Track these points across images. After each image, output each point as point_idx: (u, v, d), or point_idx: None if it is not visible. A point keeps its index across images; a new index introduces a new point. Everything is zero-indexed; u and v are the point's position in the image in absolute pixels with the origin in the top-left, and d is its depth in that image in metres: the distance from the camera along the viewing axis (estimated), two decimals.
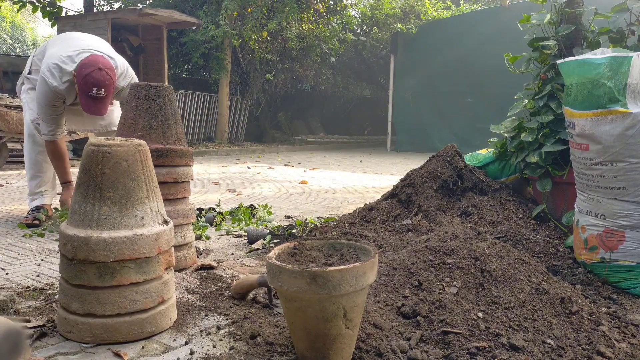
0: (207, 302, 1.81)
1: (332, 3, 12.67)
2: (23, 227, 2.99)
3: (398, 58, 12.45)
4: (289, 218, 3.47)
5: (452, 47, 11.16)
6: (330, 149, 13.01)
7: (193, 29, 11.35)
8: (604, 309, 1.73)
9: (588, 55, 2.05)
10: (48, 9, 9.04)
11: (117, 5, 12.53)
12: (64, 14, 9.63)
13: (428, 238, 2.05)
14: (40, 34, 31.93)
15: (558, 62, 2.19)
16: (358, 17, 14.96)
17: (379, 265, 1.86)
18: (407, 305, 1.59)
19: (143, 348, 1.46)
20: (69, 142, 7.03)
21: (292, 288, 1.23)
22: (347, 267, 1.22)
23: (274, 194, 4.73)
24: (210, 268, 2.23)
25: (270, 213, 3.39)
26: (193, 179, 2.31)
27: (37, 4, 8.89)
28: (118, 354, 1.40)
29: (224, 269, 2.22)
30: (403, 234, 2.47)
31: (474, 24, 10.96)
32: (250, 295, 1.85)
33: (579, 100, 2.04)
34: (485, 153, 3.16)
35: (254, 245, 2.61)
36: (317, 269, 1.21)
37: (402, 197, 3.00)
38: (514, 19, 3.47)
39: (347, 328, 1.28)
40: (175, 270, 2.13)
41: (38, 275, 2.10)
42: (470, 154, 3.23)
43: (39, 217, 3.06)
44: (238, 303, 1.80)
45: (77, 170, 1.60)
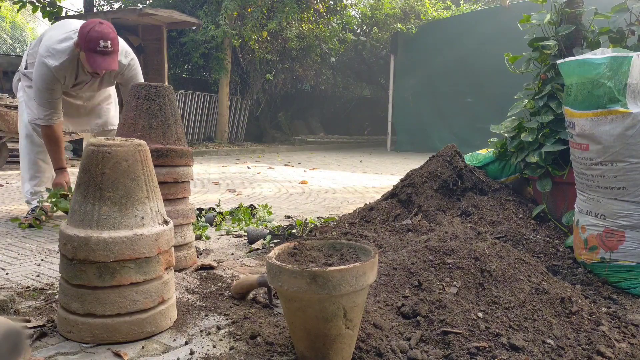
0: (207, 302, 1.81)
1: (332, 3, 12.67)
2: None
3: (398, 58, 12.45)
4: (289, 218, 3.47)
5: (452, 47, 11.16)
6: (330, 149, 13.01)
7: (193, 29, 11.35)
8: (604, 309, 1.73)
9: (588, 55, 2.05)
10: (48, 9, 9.04)
11: (117, 5, 12.52)
12: (64, 14, 9.62)
13: (428, 238, 2.05)
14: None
15: (558, 62, 2.19)
16: (358, 17, 14.96)
17: (379, 265, 1.86)
18: (407, 305, 1.59)
19: (143, 348, 1.46)
20: (69, 142, 7.04)
21: (292, 288, 1.23)
22: (347, 267, 1.22)
23: (274, 194, 4.73)
24: (210, 268, 2.23)
25: (270, 213, 3.39)
26: (193, 179, 2.31)
27: (37, 4, 8.90)
28: (118, 354, 1.40)
29: (224, 269, 2.22)
30: (403, 234, 2.47)
31: (474, 24, 10.96)
32: (250, 295, 1.85)
33: (579, 100, 2.04)
34: (485, 153, 3.16)
35: (254, 245, 2.61)
36: (317, 269, 1.21)
37: (402, 197, 3.00)
38: (514, 19, 3.47)
39: (347, 328, 1.28)
40: (175, 270, 2.13)
41: (38, 275, 2.10)
42: (470, 154, 3.23)
43: (39, 216, 3.07)
44: (238, 303, 1.80)
45: (77, 170, 1.60)
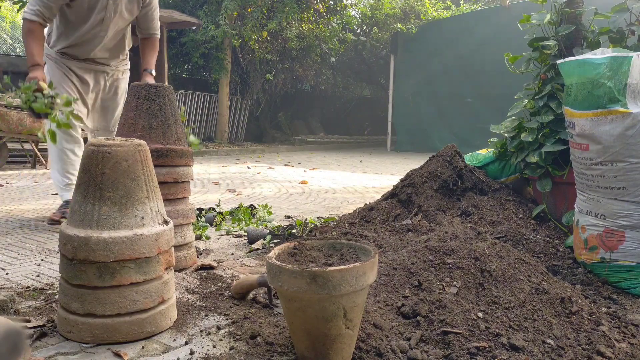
0: (207, 302, 1.81)
1: (332, 3, 12.67)
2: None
3: (398, 58, 12.46)
4: (289, 218, 3.47)
5: (452, 47, 11.17)
6: (330, 149, 13.01)
7: (193, 29, 11.36)
8: (604, 309, 1.73)
9: (588, 55, 2.05)
10: None
11: None
12: None
13: (428, 238, 2.05)
14: None
15: (558, 62, 2.19)
16: (358, 17, 14.96)
17: (379, 265, 1.86)
18: (407, 305, 1.59)
19: (143, 348, 1.46)
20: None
21: (292, 288, 1.23)
22: (347, 267, 1.22)
23: (274, 194, 4.73)
24: (210, 268, 2.23)
25: (270, 213, 3.39)
26: (193, 179, 2.31)
27: None
28: (118, 354, 1.40)
29: (224, 269, 2.22)
30: (403, 234, 2.47)
31: (474, 24, 10.96)
32: (250, 295, 1.85)
33: (579, 100, 2.04)
34: (485, 153, 3.16)
35: (254, 245, 2.61)
36: (317, 269, 1.21)
37: (402, 197, 3.00)
38: (514, 19, 3.47)
39: (347, 328, 1.28)
40: (175, 270, 2.13)
41: (38, 275, 2.10)
42: (470, 154, 3.23)
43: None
44: (238, 303, 1.80)
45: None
